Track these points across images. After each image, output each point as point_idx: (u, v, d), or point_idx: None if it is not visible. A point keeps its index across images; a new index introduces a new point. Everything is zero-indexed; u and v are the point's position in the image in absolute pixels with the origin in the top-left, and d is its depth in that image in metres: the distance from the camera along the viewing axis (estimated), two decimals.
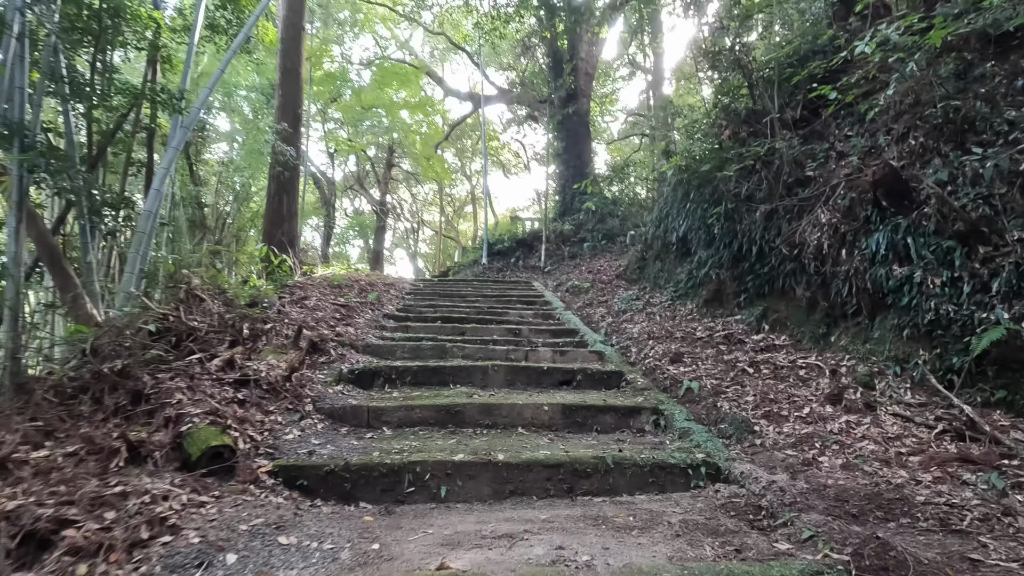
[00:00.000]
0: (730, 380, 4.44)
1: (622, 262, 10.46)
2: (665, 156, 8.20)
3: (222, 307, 4.82)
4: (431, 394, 4.14)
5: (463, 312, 7.53)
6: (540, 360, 5.44)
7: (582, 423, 3.83)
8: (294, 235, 9.67)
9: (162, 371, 3.34)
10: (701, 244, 6.57)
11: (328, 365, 4.46)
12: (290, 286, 6.96)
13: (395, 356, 5.25)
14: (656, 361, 5.28)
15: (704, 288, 6.50)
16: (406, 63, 23.35)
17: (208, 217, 13.20)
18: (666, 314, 6.88)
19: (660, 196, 8.20)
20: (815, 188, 4.87)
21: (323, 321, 5.50)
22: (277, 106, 9.99)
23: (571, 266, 13.78)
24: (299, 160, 9.95)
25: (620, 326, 6.88)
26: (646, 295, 7.99)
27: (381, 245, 26.10)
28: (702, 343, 5.50)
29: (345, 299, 6.74)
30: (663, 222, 7.93)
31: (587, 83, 18.39)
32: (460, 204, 36.74)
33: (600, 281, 9.64)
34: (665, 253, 8.03)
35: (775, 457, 3.13)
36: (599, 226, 15.54)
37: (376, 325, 6.29)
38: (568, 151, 17.67)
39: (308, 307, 6.04)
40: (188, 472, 2.51)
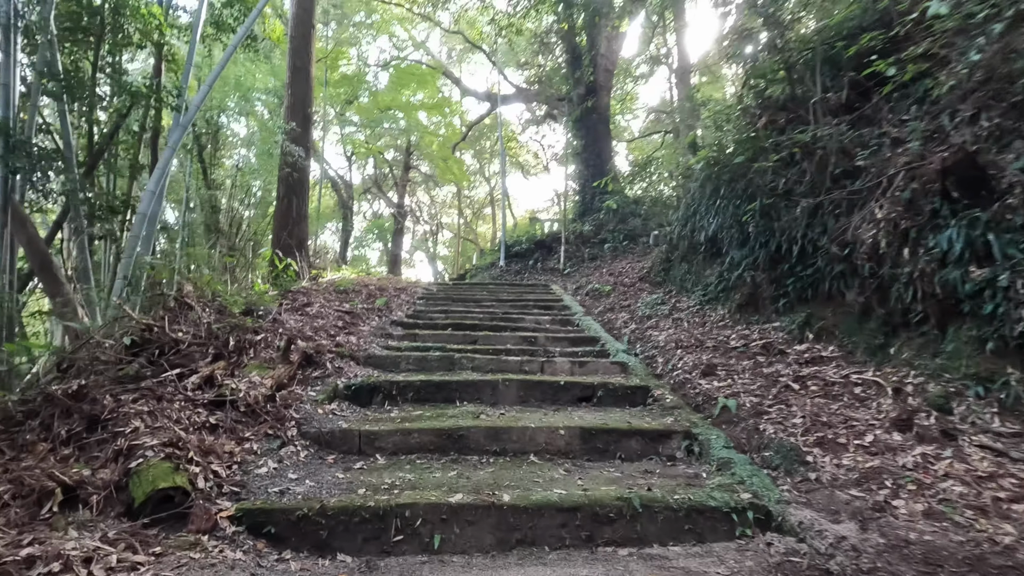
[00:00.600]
0: (773, 398, 3.91)
1: (645, 264, 9.91)
2: (691, 150, 7.66)
3: (213, 316, 4.47)
4: (434, 413, 3.70)
5: (476, 318, 7.10)
6: (557, 372, 4.97)
7: (603, 449, 3.34)
8: (303, 238, 9.38)
9: (128, 391, 2.96)
10: (733, 244, 6.02)
11: (323, 380, 4.06)
12: (294, 292, 6.62)
13: (399, 368, 4.83)
14: (686, 374, 4.76)
15: (737, 292, 5.94)
16: (423, 64, 23.10)
17: (222, 221, 13.05)
18: (695, 320, 6.33)
19: (686, 193, 7.65)
20: (867, 180, 4.30)
21: (322, 330, 5.11)
22: (286, 106, 9.73)
23: (591, 268, 13.27)
24: (308, 161, 9.67)
25: (644, 333, 6.36)
26: (672, 299, 7.45)
27: (399, 248, 25.88)
28: (737, 353, 4.96)
29: (350, 305, 6.36)
30: (690, 221, 7.38)
31: (607, 79, 17.84)
32: (479, 206, 36.42)
33: (622, 284, 9.12)
34: (692, 254, 7.48)
35: (837, 498, 2.60)
36: (620, 226, 14.99)
37: (382, 333, 5.89)
38: (587, 149, 17.14)
39: (309, 314, 5.68)
40: (132, 520, 2.11)
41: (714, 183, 6.63)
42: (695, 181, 7.30)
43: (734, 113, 6.31)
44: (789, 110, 5.39)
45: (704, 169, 6.77)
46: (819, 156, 4.85)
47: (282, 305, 5.84)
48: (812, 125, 4.82)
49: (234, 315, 4.70)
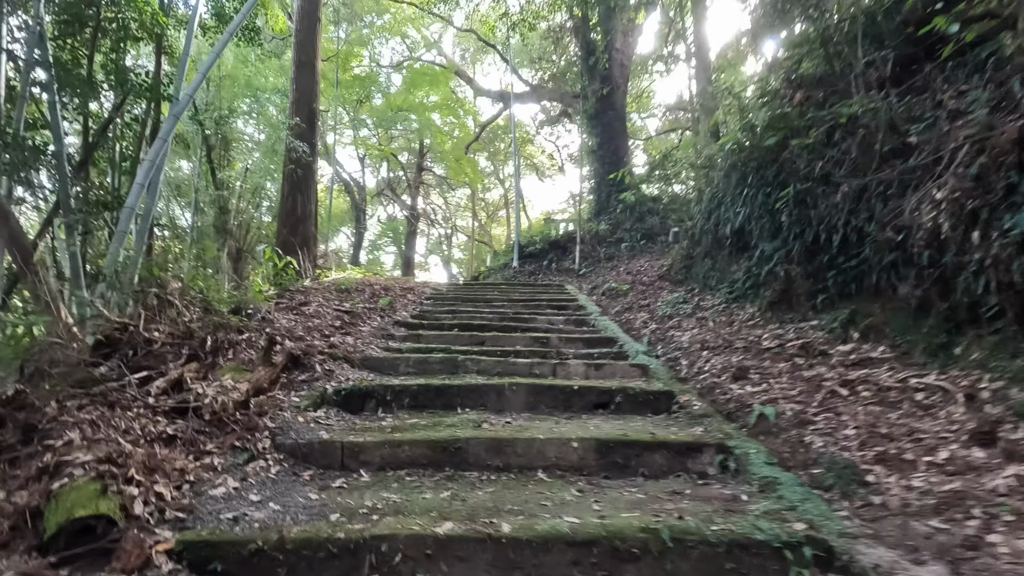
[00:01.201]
0: (818, 405, 3.41)
1: (665, 262, 9.40)
2: (714, 138, 7.17)
3: (196, 314, 4.12)
4: (430, 422, 3.29)
5: (485, 318, 6.68)
6: (570, 376, 4.52)
7: (623, 465, 2.88)
8: (308, 236, 9.07)
9: (78, 396, 2.60)
10: (764, 236, 5.51)
11: (310, 384, 3.67)
12: (292, 290, 6.28)
13: (397, 371, 4.43)
14: (714, 378, 4.28)
15: (768, 288, 5.44)
16: (436, 65, 22.87)
17: (231, 221, 12.85)
18: (721, 319, 5.83)
19: (709, 184, 7.16)
20: (922, 157, 3.79)
21: (316, 330, 4.74)
22: (291, 101, 9.46)
23: (608, 268, 12.80)
24: (314, 157, 9.37)
25: (666, 334, 5.88)
26: (695, 297, 6.95)
27: (412, 251, 25.64)
28: (771, 355, 4.46)
29: (350, 305, 5.99)
30: (713, 213, 6.88)
31: (622, 75, 17.36)
32: (494, 208, 36.13)
33: (640, 283, 8.63)
34: (716, 249, 6.97)
35: (913, 530, 2.12)
36: (637, 225, 14.49)
37: (383, 334, 5.50)
38: (603, 147, 16.66)
39: (305, 313, 5.31)
40: (42, 555, 1.72)
41: (740, 171, 6.14)
42: (719, 170, 6.80)
43: (763, 91, 5.81)
44: (826, 85, 4.89)
45: (729, 156, 6.28)
46: (863, 134, 4.35)
47: (276, 303, 5.49)
48: (855, 99, 4.31)
49: (220, 313, 4.35)
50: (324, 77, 19.28)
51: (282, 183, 9.16)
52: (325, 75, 18.91)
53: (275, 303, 5.57)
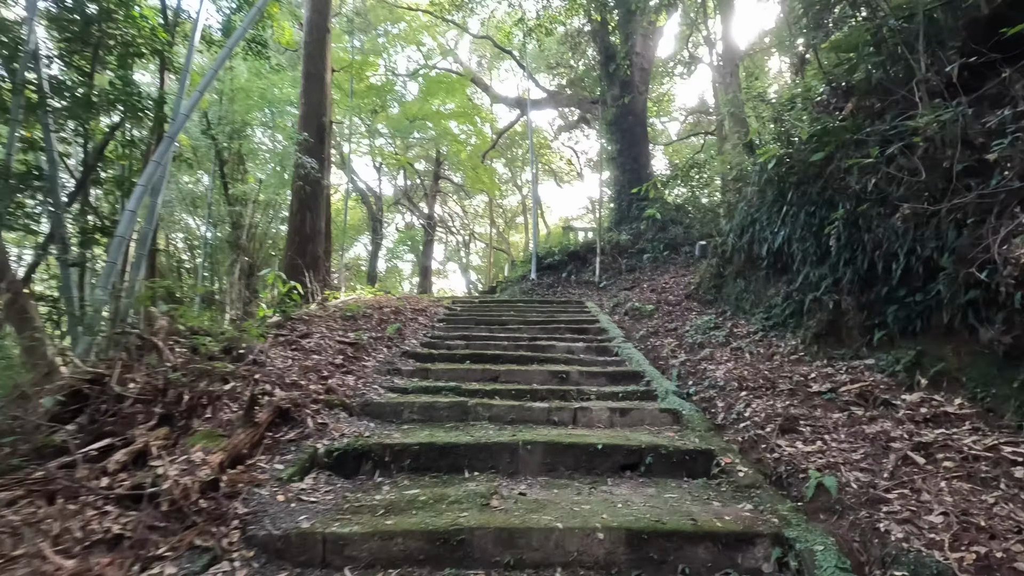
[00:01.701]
0: (890, 475, 2.88)
1: (692, 279, 8.85)
2: (748, 150, 6.63)
3: (181, 359, 3.75)
4: (432, 496, 2.83)
5: (499, 346, 6.23)
6: (593, 423, 4.05)
7: (660, 561, 2.40)
8: (317, 256, 8.74)
9: (10, 485, 2.22)
10: (808, 259, 4.97)
11: (299, 444, 3.25)
12: (295, 319, 5.91)
13: (401, 418, 4.01)
14: (757, 428, 3.75)
15: (812, 317, 4.89)
16: (452, 72, 22.60)
17: (243, 236, 12.63)
18: (759, 351, 5.29)
19: (742, 199, 6.62)
20: (1006, 178, 3.23)
21: (314, 371, 4.34)
22: (300, 115, 9.17)
23: (629, 281, 12.28)
24: (324, 173, 9.05)
25: (698, 367, 5.36)
26: (727, 322, 6.40)
27: (429, 260, 25.36)
28: (823, 401, 3.92)
29: (355, 335, 5.59)
30: (747, 230, 6.34)
31: (643, 79, 16.83)
32: (511, 215, 35.74)
33: (666, 302, 8.10)
34: (751, 269, 6.42)
35: None
36: (660, 235, 13.94)
37: (388, 369, 5.09)
38: (623, 154, 16.15)
39: (304, 348, 4.93)
40: None
41: (778, 187, 5.60)
42: (753, 185, 6.26)
43: (805, 100, 5.27)
44: (880, 93, 4.33)
45: (765, 170, 5.74)
46: (925, 148, 3.80)
47: (276, 338, 5.12)
48: (921, 109, 3.77)
49: (207, 357, 3.98)
50: (339, 88, 19.18)
51: (291, 200, 8.87)
52: (340, 85, 18.80)
53: (274, 335, 5.20)
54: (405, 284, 34.47)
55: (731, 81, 9.39)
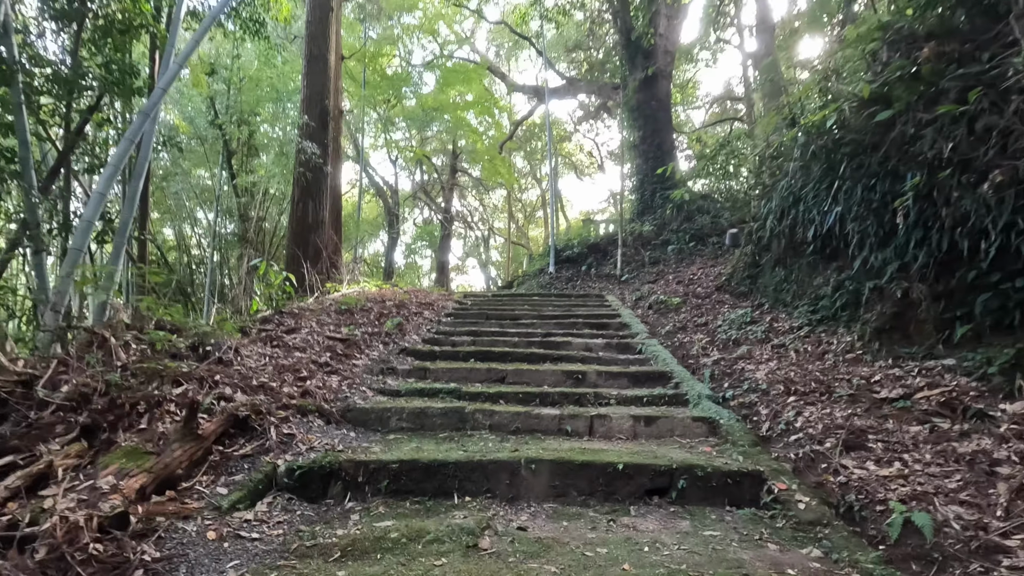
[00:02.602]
0: (1004, 512, 2.20)
1: (722, 269, 8.12)
2: (789, 123, 5.88)
3: (133, 357, 3.25)
4: (410, 531, 2.24)
5: (509, 343, 5.63)
6: (612, 434, 3.42)
7: None
8: (320, 246, 8.26)
9: None
10: (867, 242, 4.24)
11: (256, 459, 2.70)
12: (285, 313, 5.40)
13: (387, 427, 3.44)
14: (814, 443, 3.08)
15: (872, 309, 4.17)
16: (468, 61, 22.01)
17: (250, 229, 12.28)
18: (806, 348, 4.58)
19: (781, 177, 5.88)
20: None
21: (291, 370, 3.79)
22: (302, 99, 8.69)
23: (653, 273, 11.57)
24: (327, 160, 8.56)
25: (733, 366, 4.68)
26: (765, 316, 5.69)
27: (446, 255, 24.87)
28: (895, 410, 3.22)
29: (347, 331, 5.05)
30: (788, 212, 5.61)
31: (667, 62, 15.98)
32: (531, 209, 35.11)
33: (694, 295, 7.39)
34: (792, 256, 5.69)
35: None
36: (685, 225, 13.14)
37: (382, 368, 4.53)
38: (646, 141, 15.35)
39: (287, 345, 4.40)
40: None
41: (826, 160, 4.87)
42: (794, 160, 5.52)
43: (861, 56, 4.52)
44: (963, 37, 3.59)
45: (810, 142, 5.02)
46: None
47: (259, 333, 4.60)
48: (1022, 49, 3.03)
49: (175, 352, 3.47)
50: (353, 78, 18.76)
51: (292, 189, 8.41)
52: (354, 76, 18.38)
53: (258, 330, 4.69)
54: (424, 280, 34.14)
55: (767, 47, 8.56)
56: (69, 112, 6.12)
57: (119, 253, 5.26)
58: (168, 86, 5.07)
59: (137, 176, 5.53)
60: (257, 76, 14.46)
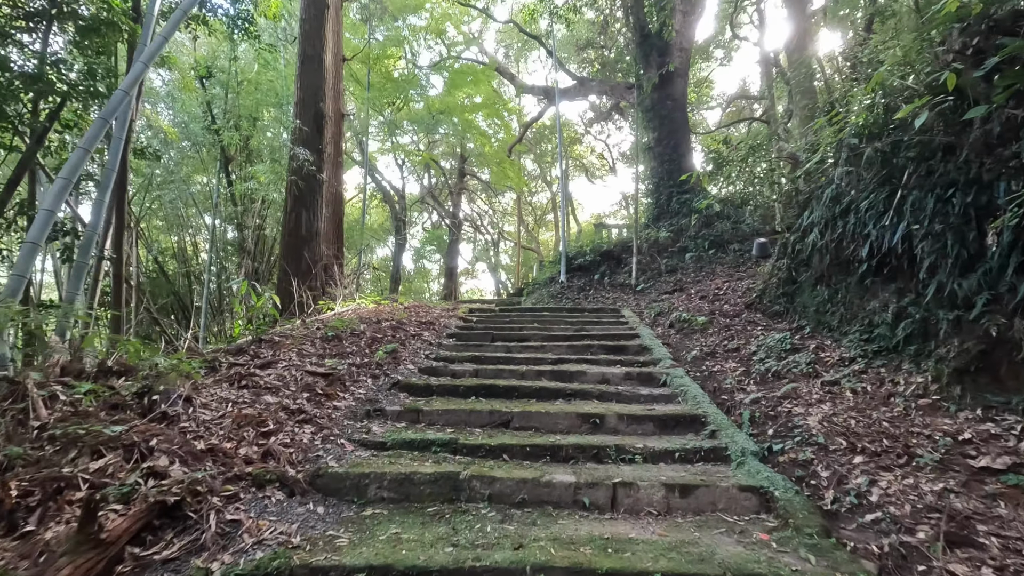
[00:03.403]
0: None
1: (751, 283, 7.42)
2: (831, 122, 5.18)
3: (62, 412, 2.67)
4: None
5: (516, 372, 4.99)
6: (640, 508, 2.77)
7: None
8: (315, 260, 7.69)
9: None
10: (945, 264, 3.55)
11: (182, 564, 2.09)
12: (266, 340, 4.81)
13: (363, 498, 2.82)
14: (903, 533, 2.41)
15: (948, 344, 3.47)
16: (476, 62, 21.43)
17: (248, 239, 11.77)
18: (865, 387, 3.89)
19: (825, 184, 5.19)
20: None
21: (255, 423, 3.18)
22: (295, 101, 8.13)
23: (670, 284, 10.89)
24: (322, 167, 7.98)
25: (778, 407, 3.99)
26: (807, 342, 5.00)
27: (454, 260, 24.28)
28: (1002, 486, 2.53)
29: (331, 363, 4.44)
30: (835, 224, 4.92)
31: (683, 60, 15.28)
32: (541, 213, 34.47)
33: (721, 313, 6.70)
34: (839, 273, 5.00)
35: None
36: (704, 231, 12.44)
37: (368, 411, 3.91)
38: (662, 142, 14.67)
39: (258, 385, 3.79)
40: None
41: (883, 165, 4.18)
42: (842, 165, 4.83)
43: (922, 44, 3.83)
44: None
45: (863, 143, 4.33)
46: None
47: (229, 369, 4.01)
48: None
49: (117, 402, 2.88)
50: (357, 80, 18.25)
51: (285, 198, 7.86)
52: (359, 79, 17.86)
53: (228, 365, 4.10)
54: (433, 285, 33.64)
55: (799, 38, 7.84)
56: (35, 118, 5.60)
57: (80, 276, 4.69)
58: (131, 87, 4.50)
59: (104, 188, 4.98)
60: (257, 79, 14.01)
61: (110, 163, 5.00)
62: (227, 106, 12.34)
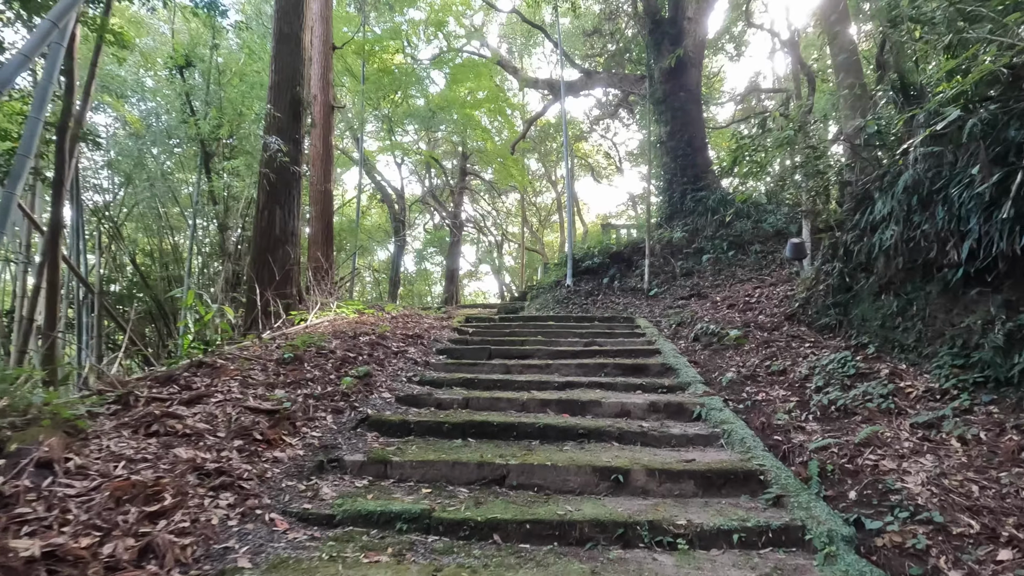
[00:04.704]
0: None
1: (789, 289, 6.46)
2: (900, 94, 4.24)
3: None
4: None
5: (516, 402, 4.06)
6: None
7: None
8: (290, 264, 6.78)
9: None
10: None
11: None
12: (207, 363, 3.89)
13: None
14: None
15: None
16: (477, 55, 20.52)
17: (228, 241, 10.89)
18: (977, 434, 2.93)
19: (895, 173, 4.24)
20: None
21: (142, 498, 2.26)
22: (269, 86, 7.24)
23: (686, 288, 9.98)
24: (298, 159, 7.09)
25: (856, 458, 3.04)
26: (876, 365, 4.04)
27: (455, 262, 23.35)
28: None
29: (282, 395, 3.52)
30: (908, 219, 3.97)
31: (696, 48, 14.33)
32: (545, 213, 33.53)
33: (756, 325, 5.73)
34: (916, 279, 4.04)
35: None
36: (722, 231, 11.51)
37: (320, 463, 2.99)
38: (674, 136, 13.71)
39: (176, 430, 2.88)
40: None
41: (994, 137, 3.24)
42: (922, 147, 3.88)
43: None
44: None
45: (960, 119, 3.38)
46: None
47: (147, 404, 3.10)
48: None
49: None
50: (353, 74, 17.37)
51: (257, 193, 6.99)
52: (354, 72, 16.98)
53: (148, 398, 3.19)
54: (436, 288, 32.71)
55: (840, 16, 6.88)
56: None
57: None
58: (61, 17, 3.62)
59: (14, 178, 4.08)
60: (242, 71, 13.15)
61: (23, 147, 4.10)
62: (208, 97, 11.49)
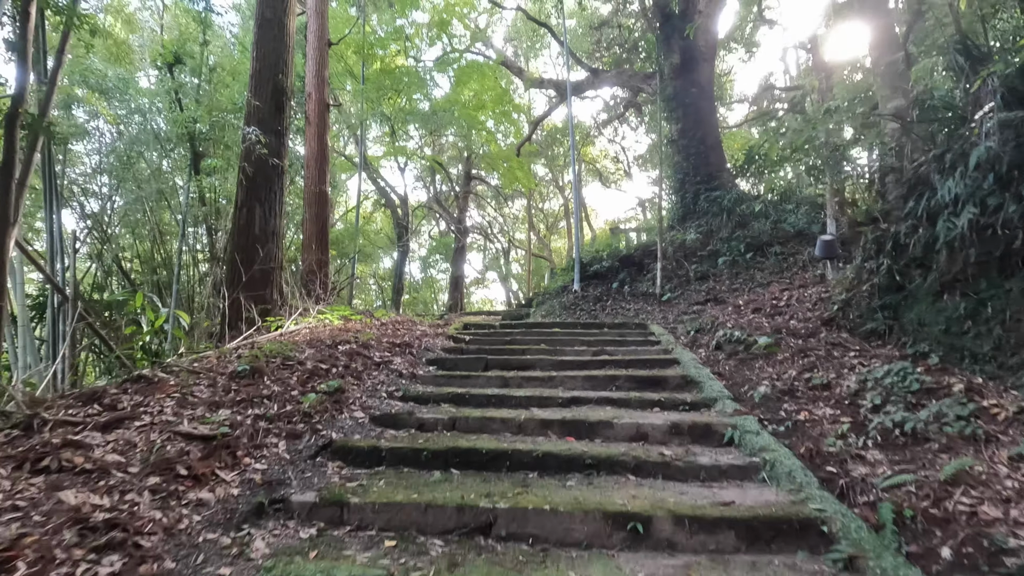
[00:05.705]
0: None
1: (823, 291, 5.77)
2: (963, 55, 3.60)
3: None
4: None
5: (512, 423, 3.42)
6: None
7: None
8: (272, 266, 6.20)
9: None
10: None
11: None
12: (139, 380, 3.29)
13: None
14: None
15: None
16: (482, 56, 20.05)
17: (216, 243, 10.36)
18: None
19: (958, 150, 3.58)
20: None
21: None
22: (250, 74, 6.72)
23: (702, 292, 9.32)
24: (280, 153, 6.53)
25: (943, 501, 2.36)
26: (945, 378, 3.36)
27: (460, 269, 22.77)
28: None
29: (218, 420, 2.90)
30: (983, 202, 3.30)
31: (708, 43, 13.74)
32: (553, 219, 32.93)
33: (789, 331, 5.04)
34: (990, 276, 3.37)
35: None
36: (739, 232, 10.85)
37: (259, 506, 2.36)
38: (686, 135, 13.10)
39: (72, 465, 2.26)
40: None
41: None
42: (994, 114, 3.22)
43: None
44: None
45: None
46: None
47: (52, 428, 2.49)
48: None
49: None
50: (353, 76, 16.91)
51: (236, 190, 6.45)
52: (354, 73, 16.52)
53: (56, 422, 2.59)
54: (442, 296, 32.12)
55: None
56: None
57: None
58: None
59: None
60: (237, 68, 12.70)
61: None
62: (199, 95, 11.03)
